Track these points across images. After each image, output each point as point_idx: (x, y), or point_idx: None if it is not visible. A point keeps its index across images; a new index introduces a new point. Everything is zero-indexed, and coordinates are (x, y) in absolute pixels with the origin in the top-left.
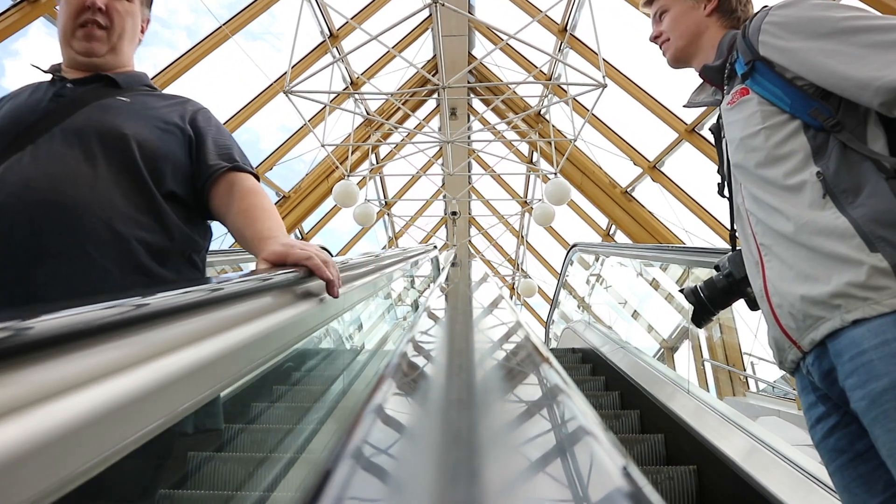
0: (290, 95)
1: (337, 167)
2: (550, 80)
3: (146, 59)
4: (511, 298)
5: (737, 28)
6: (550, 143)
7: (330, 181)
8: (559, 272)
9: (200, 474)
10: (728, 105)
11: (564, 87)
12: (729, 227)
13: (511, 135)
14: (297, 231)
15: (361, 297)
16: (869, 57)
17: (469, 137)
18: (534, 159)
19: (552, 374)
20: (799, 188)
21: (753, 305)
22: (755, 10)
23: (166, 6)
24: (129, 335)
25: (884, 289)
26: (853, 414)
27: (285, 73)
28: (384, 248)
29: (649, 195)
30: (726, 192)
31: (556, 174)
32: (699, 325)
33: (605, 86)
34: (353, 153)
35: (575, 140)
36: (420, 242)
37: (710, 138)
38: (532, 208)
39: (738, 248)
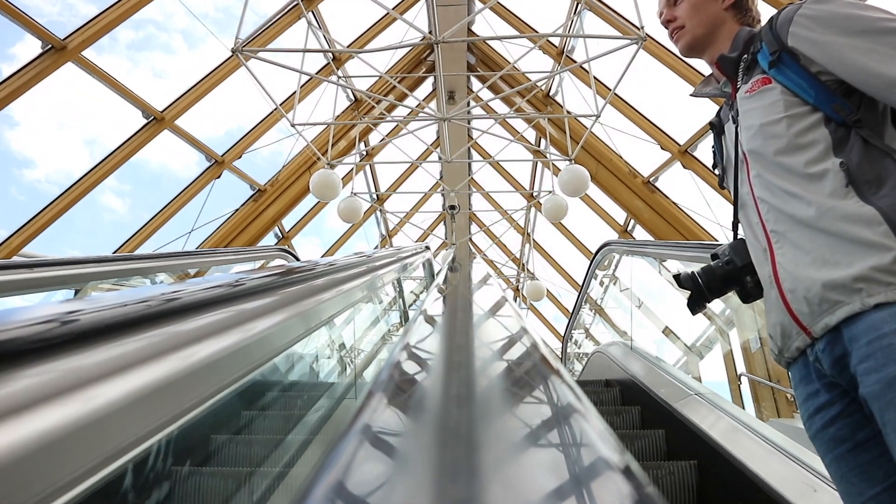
0: (241, 56)
1: (319, 158)
2: (563, 52)
3: (142, 62)
4: (515, 301)
5: (750, 25)
6: (562, 125)
7: (312, 172)
8: (583, 280)
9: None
10: (747, 93)
11: (585, 53)
12: (732, 217)
13: (517, 121)
14: (276, 229)
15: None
16: None
17: (469, 115)
18: (541, 147)
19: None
20: (820, 176)
21: (746, 298)
22: (758, 13)
23: (162, 10)
24: None
25: None
26: (859, 402)
27: (251, 36)
28: (376, 247)
29: (674, 186)
30: (727, 183)
31: (570, 160)
32: (693, 312)
33: (643, 39)
34: (335, 138)
35: (598, 117)
36: (416, 241)
37: None
38: (539, 202)
39: (739, 237)
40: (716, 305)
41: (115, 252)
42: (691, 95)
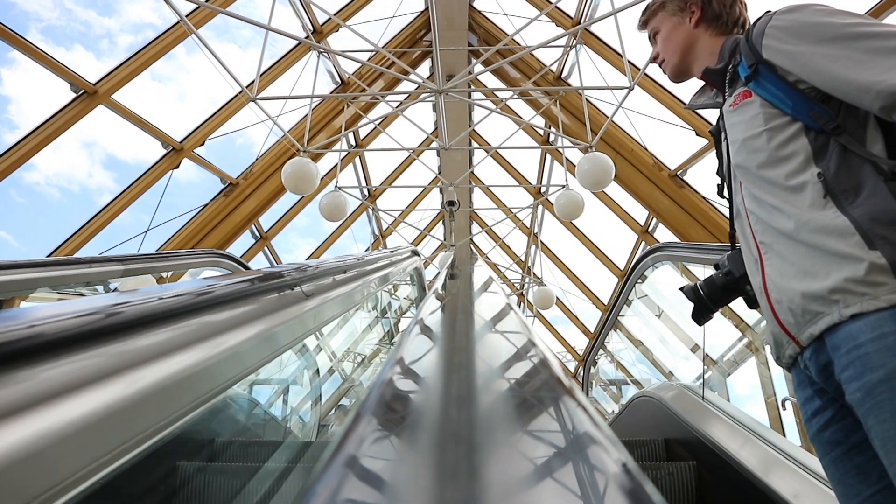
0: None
1: (296, 147)
2: (581, 21)
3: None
4: (520, 306)
5: (728, 33)
6: (575, 111)
7: None
8: (616, 296)
9: None
10: (731, 107)
11: (611, 3)
12: (728, 227)
13: (523, 107)
14: (253, 228)
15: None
16: (870, 62)
17: (469, 85)
18: (550, 138)
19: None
20: (800, 188)
21: (752, 303)
22: (744, 12)
23: (162, 13)
24: None
25: (881, 285)
26: (849, 407)
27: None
28: (367, 249)
29: (705, 180)
30: (726, 193)
31: (591, 147)
32: (699, 323)
33: None
34: (318, 126)
35: (631, 89)
36: (413, 243)
37: None
38: (548, 199)
39: (737, 246)
40: (751, 316)
41: (49, 254)
42: (686, 108)
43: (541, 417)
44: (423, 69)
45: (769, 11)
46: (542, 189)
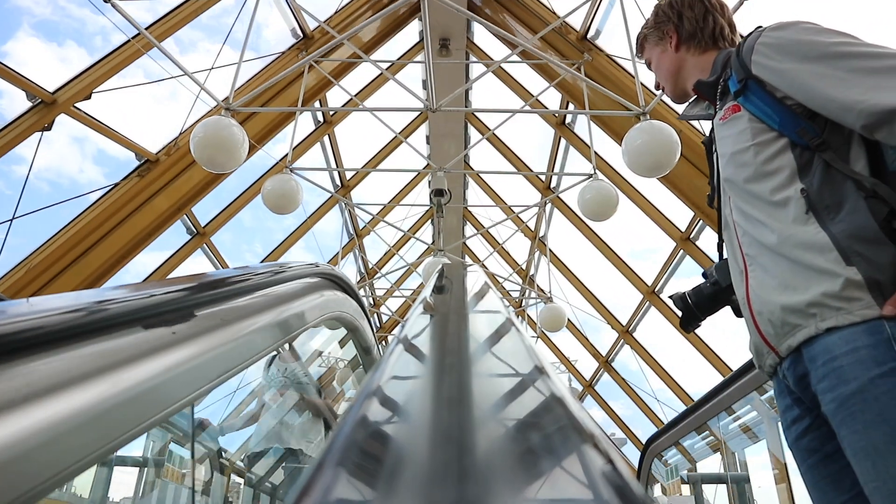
0: None
1: (221, 107)
2: None
3: (141, 73)
4: (521, 321)
5: (714, 47)
6: (609, 74)
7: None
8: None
9: None
10: (720, 120)
11: None
12: (717, 238)
13: (536, 80)
14: (185, 219)
15: None
16: (853, 81)
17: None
18: (566, 121)
19: None
20: (784, 203)
21: (738, 313)
22: (720, 20)
23: (156, 13)
24: None
25: (856, 300)
26: (824, 417)
27: None
28: (337, 255)
29: None
30: (716, 203)
31: (644, 114)
32: (687, 331)
33: None
34: (277, 86)
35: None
36: (395, 245)
37: None
38: (558, 196)
39: (724, 257)
40: None
41: None
42: (679, 118)
43: None
44: (413, 33)
45: (760, 27)
46: (552, 185)
